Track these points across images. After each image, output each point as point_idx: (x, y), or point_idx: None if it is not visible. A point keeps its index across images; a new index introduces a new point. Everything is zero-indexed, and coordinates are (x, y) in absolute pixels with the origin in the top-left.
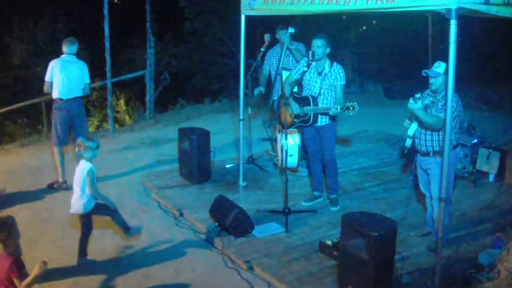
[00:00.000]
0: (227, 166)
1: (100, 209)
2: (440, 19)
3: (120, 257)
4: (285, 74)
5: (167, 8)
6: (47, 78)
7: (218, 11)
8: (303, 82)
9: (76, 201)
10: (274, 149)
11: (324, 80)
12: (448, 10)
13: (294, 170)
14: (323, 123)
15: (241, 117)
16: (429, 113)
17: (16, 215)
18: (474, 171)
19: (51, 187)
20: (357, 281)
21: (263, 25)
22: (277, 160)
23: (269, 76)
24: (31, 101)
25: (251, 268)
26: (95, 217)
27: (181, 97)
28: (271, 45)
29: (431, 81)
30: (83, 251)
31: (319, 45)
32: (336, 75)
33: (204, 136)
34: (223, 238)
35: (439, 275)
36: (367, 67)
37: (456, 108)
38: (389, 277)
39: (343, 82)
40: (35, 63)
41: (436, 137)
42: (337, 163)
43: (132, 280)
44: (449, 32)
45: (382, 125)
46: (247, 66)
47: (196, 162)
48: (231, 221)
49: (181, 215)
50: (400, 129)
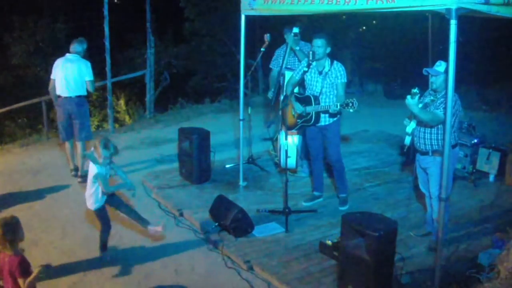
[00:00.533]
0: (227, 166)
1: (114, 203)
2: (440, 19)
3: (120, 257)
4: (288, 74)
5: (167, 8)
6: (51, 76)
7: (218, 11)
8: (305, 82)
9: (88, 197)
10: (275, 148)
11: (325, 79)
12: (448, 10)
13: (293, 171)
14: (326, 123)
15: (241, 117)
16: (428, 111)
17: (16, 215)
18: (474, 171)
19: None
20: (357, 281)
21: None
22: (278, 160)
23: (279, 77)
24: (31, 101)
25: (251, 268)
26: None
27: (181, 97)
28: (273, 45)
29: (431, 79)
30: (102, 245)
31: (319, 44)
32: (337, 73)
33: (204, 136)
34: (223, 238)
35: (439, 275)
36: (367, 67)
37: (455, 107)
38: (389, 277)
39: (344, 80)
40: (35, 63)
41: (435, 135)
42: (343, 162)
43: (132, 280)
44: (449, 32)
45: (382, 125)
46: (247, 66)
47: (196, 162)
48: (231, 221)
49: (181, 215)
50: (400, 129)
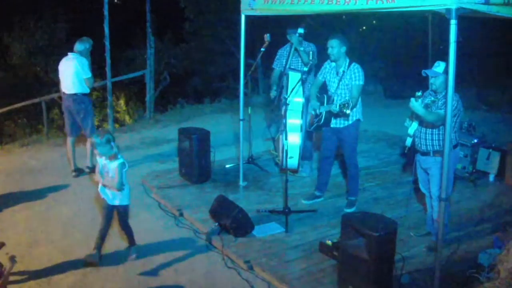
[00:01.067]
0: (227, 166)
1: (120, 210)
2: (440, 19)
3: (120, 257)
4: (291, 74)
5: (167, 8)
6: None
7: (218, 11)
8: (326, 82)
9: (107, 190)
10: (276, 148)
11: (341, 79)
12: (448, 10)
13: (294, 171)
14: (339, 125)
15: (241, 117)
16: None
17: (16, 215)
18: (474, 171)
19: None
20: (357, 281)
21: (263, 25)
22: (278, 160)
23: (281, 76)
24: (31, 101)
25: (251, 268)
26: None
27: (181, 97)
28: (274, 45)
29: (431, 80)
30: (96, 244)
31: (332, 45)
32: (352, 74)
33: (204, 136)
34: (223, 238)
35: (439, 275)
36: (367, 67)
37: (456, 107)
38: (389, 277)
39: (359, 82)
40: (35, 63)
41: (436, 136)
42: (358, 166)
43: (132, 279)
44: (449, 32)
45: (382, 125)
46: (247, 66)
47: (196, 162)
48: (231, 221)
49: (181, 215)
50: (400, 129)
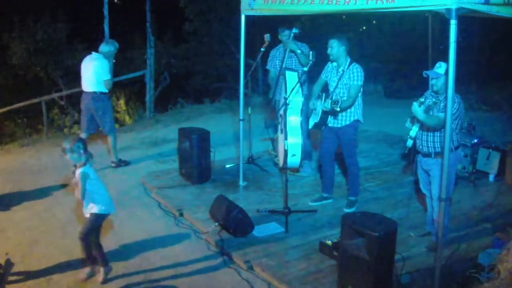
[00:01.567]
0: (227, 166)
1: (91, 218)
2: (440, 19)
3: (120, 257)
4: (288, 74)
5: (167, 8)
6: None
7: (218, 11)
8: (328, 82)
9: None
10: (275, 149)
11: (340, 79)
12: (448, 10)
13: (295, 170)
14: (337, 125)
15: (241, 117)
16: (431, 114)
17: (16, 215)
18: (474, 171)
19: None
20: (357, 281)
21: (263, 25)
22: (278, 160)
23: (278, 77)
24: (31, 101)
25: (251, 268)
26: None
27: (181, 97)
28: (271, 45)
29: (432, 82)
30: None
31: (331, 45)
32: (350, 74)
33: (204, 136)
34: (223, 238)
35: (439, 275)
36: (367, 67)
37: (458, 109)
38: (389, 277)
39: (357, 82)
40: (35, 63)
41: (438, 138)
42: (359, 165)
43: (132, 279)
44: (449, 32)
45: (382, 125)
46: (247, 66)
47: (196, 162)
48: (231, 221)
49: (181, 215)
50: (400, 129)
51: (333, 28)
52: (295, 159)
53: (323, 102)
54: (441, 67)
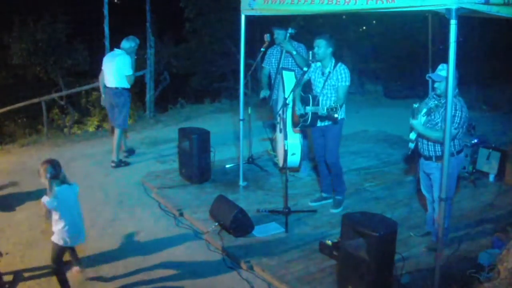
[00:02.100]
0: (227, 166)
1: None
2: (440, 19)
3: (120, 257)
4: (285, 74)
5: (167, 8)
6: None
7: (218, 11)
8: (311, 82)
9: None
10: (274, 149)
11: (326, 80)
12: (448, 10)
13: (295, 169)
14: (326, 124)
15: (241, 117)
16: (432, 118)
17: (16, 215)
18: (474, 171)
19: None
20: (357, 281)
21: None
22: (277, 160)
23: (270, 75)
24: (31, 101)
25: (251, 268)
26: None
27: (181, 97)
28: (271, 45)
29: (435, 85)
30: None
31: (319, 45)
32: (338, 75)
33: (204, 136)
34: (223, 238)
35: (439, 275)
36: (367, 67)
37: (462, 115)
38: (389, 277)
39: (345, 83)
40: (35, 63)
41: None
42: (340, 164)
43: (132, 279)
44: (449, 32)
45: (382, 125)
46: (247, 66)
47: (196, 162)
48: (231, 221)
49: (181, 215)
50: (400, 129)
51: (333, 28)
52: (294, 158)
53: (311, 105)
54: (444, 70)
